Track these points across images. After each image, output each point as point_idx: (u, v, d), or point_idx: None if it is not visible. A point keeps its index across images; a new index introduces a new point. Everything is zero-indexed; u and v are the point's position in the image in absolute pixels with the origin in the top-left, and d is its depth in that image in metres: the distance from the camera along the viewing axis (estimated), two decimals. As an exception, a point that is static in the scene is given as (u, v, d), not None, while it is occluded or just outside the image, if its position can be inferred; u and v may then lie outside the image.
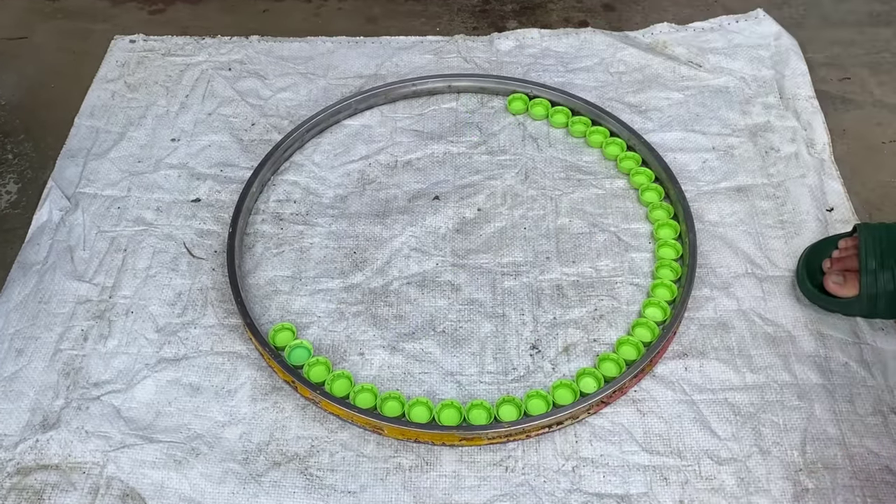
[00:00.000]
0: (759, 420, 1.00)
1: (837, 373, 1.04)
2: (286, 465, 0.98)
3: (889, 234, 1.07)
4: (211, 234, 1.20)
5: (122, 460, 0.98)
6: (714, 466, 0.97)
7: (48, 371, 1.06)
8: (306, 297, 1.13)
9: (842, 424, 1.00)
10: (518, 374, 1.06)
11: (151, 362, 1.07)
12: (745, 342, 1.07)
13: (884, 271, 1.05)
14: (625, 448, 0.99)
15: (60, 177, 1.27)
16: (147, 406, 1.03)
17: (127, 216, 1.22)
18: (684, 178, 1.24)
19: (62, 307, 1.12)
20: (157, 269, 1.16)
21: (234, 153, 1.30)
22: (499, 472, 0.98)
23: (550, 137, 1.31)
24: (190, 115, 1.36)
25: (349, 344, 1.09)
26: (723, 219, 1.20)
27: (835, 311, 1.08)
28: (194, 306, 1.12)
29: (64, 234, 1.20)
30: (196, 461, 0.98)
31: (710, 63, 1.40)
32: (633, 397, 1.03)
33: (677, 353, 1.07)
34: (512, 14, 1.54)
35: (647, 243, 1.18)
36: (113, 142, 1.32)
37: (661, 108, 1.34)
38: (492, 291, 1.13)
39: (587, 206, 1.22)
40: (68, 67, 1.47)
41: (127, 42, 1.49)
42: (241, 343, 1.09)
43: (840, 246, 1.11)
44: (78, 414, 1.02)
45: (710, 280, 1.13)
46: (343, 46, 1.47)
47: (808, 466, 0.97)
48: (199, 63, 1.44)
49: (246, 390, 1.04)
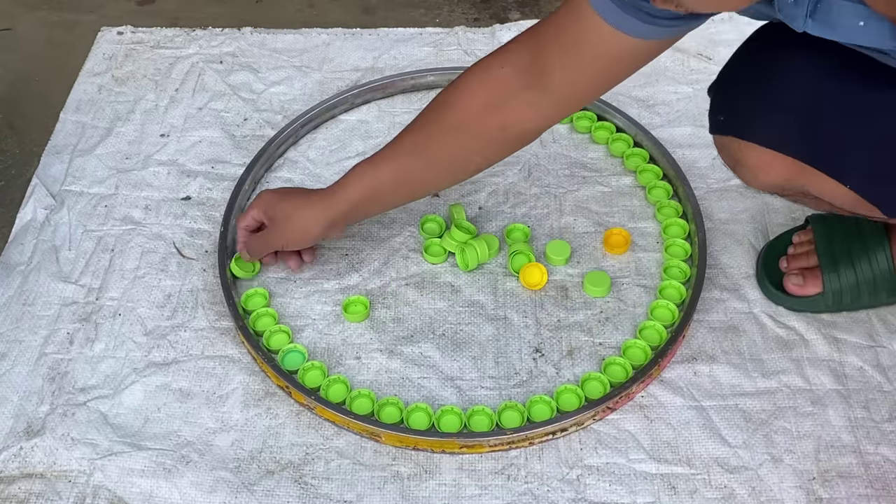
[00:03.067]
0: (771, 427, 1.00)
1: (852, 378, 1.04)
2: (280, 474, 0.98)
3: (842, 224, 1.08)
4: (202, 233, 1.20)
5: (109, 468, 0.98)
6: (724, 475, 0.97)
7: (32, 376, 1.06)
8: (301, 299, 1.13)
9: (857, 431, 1.00)
10: (521, 379, 1.06)
11: (140, 367, 1.07)
12: (756, 346, 1.07)
13: (844, 265, 1.06)
14: (631, 456, 0.99)
15: (45, 174, 1.27)
16: (135, 412, 1.03)
17: (114, 215, 1.22)
18: (693, 176, 1.24)
19: (47, 309, 1.12)
20: (146, 270, 1.16)
21: (225, 149, 1.30)
22: (501, 481, 0.97)
23: (554, 133, 1.31)
24: (180, 110, 1.36)
25: (345, 348, 1.09)
26: (733, 217, 1.20)
27: (801, 310, 1.09)
28: (184, 308, 1.12)
29: (49, 234, 1.20)
30: (186, 469, 0.98)
31: (721, 55, 1.40)
32: (640, 403, 1.03)
33: (686, 357, 1.07)
34: (514, 5, 1.55)
35: (654, 243, 1.18)
36: (100, 137, 1.32)
37: (669, 103, 1.34)
38: (493, 293, 1.13)
39: (592, 205, 1.22)
40: (53, 60, 1.47)
41: (114, 34, 1.48)
42: (232, 347, 1.09)
43: (794, 241, 1.12)
44: (63, 420, 1.02)
45: (720, 281, 1.13)
46: (339, 38, 1.47)
47: (821, 475, 0.97)
48: (190, 56, 1.44)
49: (238, 396, 1.04)
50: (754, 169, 0.96)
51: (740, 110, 0.94)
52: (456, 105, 0.98)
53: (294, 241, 1.09)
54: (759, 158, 0.94)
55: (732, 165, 0.99)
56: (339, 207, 1.04)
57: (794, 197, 1.02)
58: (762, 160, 0.94)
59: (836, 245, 1.08)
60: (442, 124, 1.00)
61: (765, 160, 0.94)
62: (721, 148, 1.00)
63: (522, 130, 0.99)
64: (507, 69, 0.95)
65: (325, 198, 1.05)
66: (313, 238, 1.08)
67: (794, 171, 0.93)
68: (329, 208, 1.05)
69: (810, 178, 0.92)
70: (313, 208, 1.05)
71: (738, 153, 0.96)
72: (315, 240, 1.09)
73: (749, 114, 0.93)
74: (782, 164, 0.93)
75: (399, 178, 1.03)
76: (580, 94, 0.96)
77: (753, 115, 0.93)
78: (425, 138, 1.01)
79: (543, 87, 0.93)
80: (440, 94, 1.00)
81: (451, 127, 0.99)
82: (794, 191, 0.98)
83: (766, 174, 0.95)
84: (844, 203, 0.94)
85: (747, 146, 0.94)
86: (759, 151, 0.93)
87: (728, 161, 1.00)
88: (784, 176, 0.94)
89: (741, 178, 0.99)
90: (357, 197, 1.04)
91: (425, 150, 1.02)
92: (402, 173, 1.03)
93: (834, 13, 0.78)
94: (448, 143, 1.00)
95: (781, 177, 0.94)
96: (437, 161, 1.02)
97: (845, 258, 1.07)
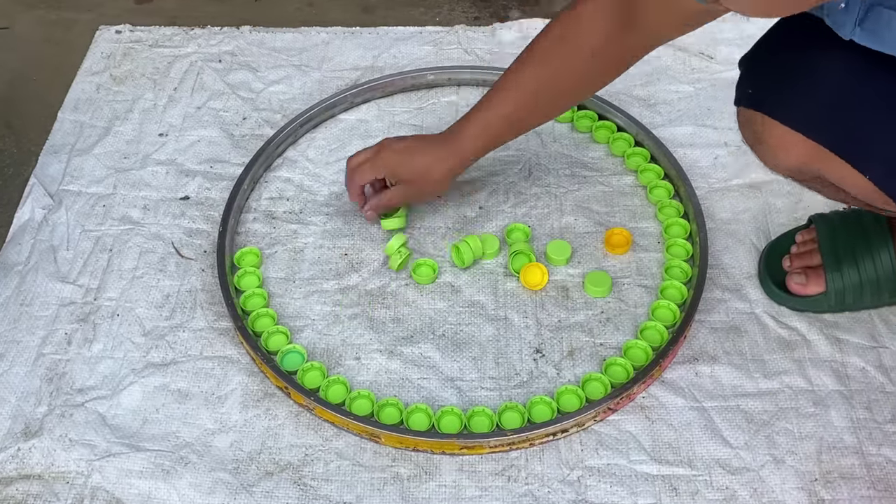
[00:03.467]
0: (772, 428, 1.00)
1: (855, 378, 1.04)
2: (279, 475, 0.98)
3: (845, 223, 1.08)
4: (200, 233, 1.20)
5: (107, 470, 0.98)
6: (726, 476, 0.97)
7: (30, 376, 1.06)
8: (300, 299, 1.13)
9: (859, 432, 1.00)
10: (521, 380, 1.06)
11: (138, 367, 1.07)
12: (758, 346, 1.07)
13: (847, 264, 1.06)
14: (632, 457, 0.99)
15: (43, 173, 1.27)
16: (133, 413, 1.03)
17: (112, 215, 1.22)
18: (695, 175, 1.24)
19: (45, 310, 1.12)
20: (144, 270, 1.16)
21: (224, 149, 1.30)
22: (501, 483, 0.98)
23: (555, 132, 1.31)
24: (178, 109, 1.36)
25: (345, 348, 1.09)
26: (735, 217, 1.20)
27: (803, 310, 1.09)
28: (183, 309, 1.12)
29: (47, 234, 1.20)
30: (185, 471, 0.98)
31: (722, 54, 1.40)
32: (642, 404, 1.03)
33: (687, 357, 1.07)
34: (515, 3, 1.54)
35: (655, 243, 1.18)
36: (98, 137, 1.32)
37: (670, 102, 1.34)
38: (493, 293, 1.13)
39: (593, 204, 1.22)
40: (51, 59, 1.47)
41: (112, 33, 1.49)
42: (231, 347, 1.09)
43: (797, 240, 1.12)
44: (61, 421, 1.02)
45: (721, 281, 1.13)
46: (338, 37, 1.47)
47: (823, 476, 0.97)
48: (188, 55, 1.44)
49: (237, 397, 1.04)
50: (774, 148, 0.95)
51: (770, 86, 0.94)
52: (580, 32, 1.02)
53: (429, 196, 1.20)
54: (782, 138, 0.94)
55: (752, 142, 0.98)
56: (465, 156, 1.13)
57: (808, 182, 1.01)
58: (784, 140, 0.93)
59: (839, 244, 1.08)
60: (573, 52, 1.03)
61: (786, 140, 0.93)
62: (743, 122, 0.99)
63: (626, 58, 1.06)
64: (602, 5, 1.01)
65: (449, 151, 1.12)
66: (445, 188, 1.17)
67: (814, 156, 0.92)
68: (457, 160, 1.13)
69: (829, 163, 0.91)
70: (442, 164, 1.12)
71: (760, 130, 0.96)
72: (447, 188, 1.17)
73: (779, 91, 0.93)
74: (803, 146, 0.92)
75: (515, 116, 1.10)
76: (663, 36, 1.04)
77: (783, 93, 0.93)
78: (549, 73, 1.05)
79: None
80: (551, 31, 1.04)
81: (587, 54, 1.03)
82: (809, 175, 0.97)
83: (786, 155, 0.95)
84: (859, 193, 0.93)
85: (771, 124, 0.94)
86: (783, 131, 0.93)
87: (748, 137, 0.99)
88: (803, 159, 0.94)
89: (759, 155, 0.99)
90: (481, 144, 1.12)
91: (550, 81, 1.06)
92: (520, 111, 1.09)
93: (883, 23, 0.78)
94: (574, 71, 1.05)
95: (800, 159, 0.94)
96: (563, 90, 1.08)
97: (849, 257, 1.07)
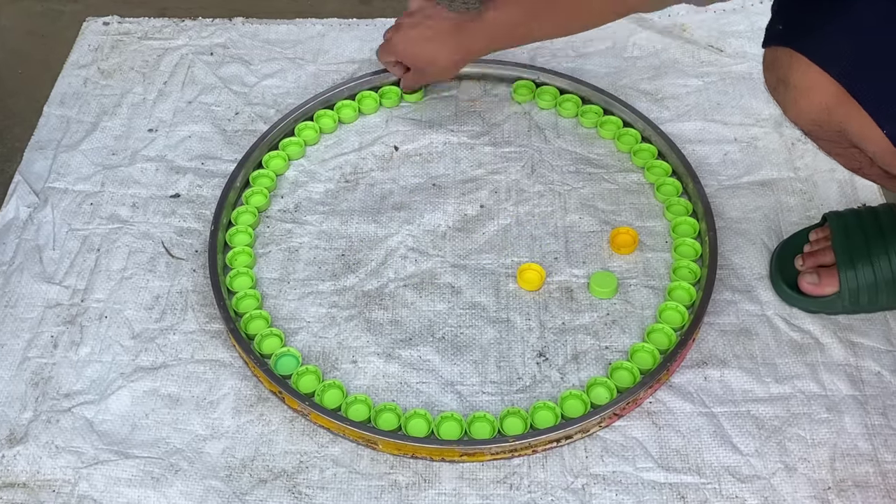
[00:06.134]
0: (784, 434, 1.00)
1: (869, 383, 1.04)
2: (273, 483, 0.98)
3: (860, 221, 1.08)
4: (191, 232, 1.20)
5: (95, 477, 0.98)
6: (736, 484, 0.97)
7: (15, 381, 1.06)
8: (295, 300, 1.13)
9: (874, 439, 1.00)
10: (524, 384, 1.06)
11: (127, 371, 1.07)
12: (769, 350, 1.07)
13: (862, 263, 1.06)
14: (639, 464, 0.99)
15: (28, 170, 1.27)
16: (122, 419, 1.03)
17: (100, 213, 1.22)
18: (704, 172, 1.24)
19: (30, 311, 1.12)
20: (134, 271, 1.16)
21: (216, 145, 1.31)
22: (503, 490, 0.98)
23: (559, 128, 1.31)
24: (169, 104, 1.36)
25: (341, 351, 1.09)
26: (745, 216, 1.20)
27: (816, 311, 1.09)
28: (173, 310, 1.12)
29: (32, 233, 1.20)
30: (175, 478, 0.98)
31: (732, 47, 1.40)
32: (648, 409, 1.03)
33: (696, 361, 1.07)
34: (517, -6, 1.54)
35: (663, 242, 1.18)
36: (85, 132, 1.32)
37: (678, 96, 1.34)
38: (495, 294, 1.13)
39: (598, 203, 1.22)
40: (37, 52, 1.47)
41: (100, 24, 1.49)
42: (223, 350, 1.09)
43: (811, 239, 1.12)
44: (47, 427, 1.02)
45: (731, 282, 1.13)
46: (334, 29, 1.47)
47: (837, 484, 0.97)
48: (179, 47, 1.44)
49: (229, 402, 1.05)
50: (798, 89, 0.95)
51: (803, 23, 0.95)
52: None
53: (442, 79, 1.32)
54: (806, 76, 0.93)
55: (775, 84, 0.98)
56: (470, 52, 1.21)
57: (827, 142, 1.00)
58: (808, 79, 0.93)
59: (853, 242, 1.08)
60: None
61: (811, 79, 0.93)
62: (769, 64, 0.99)
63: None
64: None
65: (457, 44, 1.20)
66: (450, 77, 1.30)
67: (837, 101, 0.92)
68: (462, 54, 1.21)
69: (851, 113, 0.91)
70: (448, 56, 1.22)
71: (786, 69, 0.95)
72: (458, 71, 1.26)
73: (810, 27, 0.94)
74: (827, 88, 0.92)
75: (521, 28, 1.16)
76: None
77: (815, 29, 0.93)
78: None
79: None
80: None
81: None
82: (830, 129, 0.96)
83: (809, 98, 0.94)
84: (877, 152, 0.93)
85: (798, 62, 0.94)
86: (808, 69, 0.93)
87: (771, 80, 0.99)
88: (826, 102, 0.93)
89: (780, 102, 0.98)
90: (487, 45, 1.19)
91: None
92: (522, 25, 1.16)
93: None
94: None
95: (823, 103, 0.93)
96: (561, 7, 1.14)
97: (863, 256, 1.07)
